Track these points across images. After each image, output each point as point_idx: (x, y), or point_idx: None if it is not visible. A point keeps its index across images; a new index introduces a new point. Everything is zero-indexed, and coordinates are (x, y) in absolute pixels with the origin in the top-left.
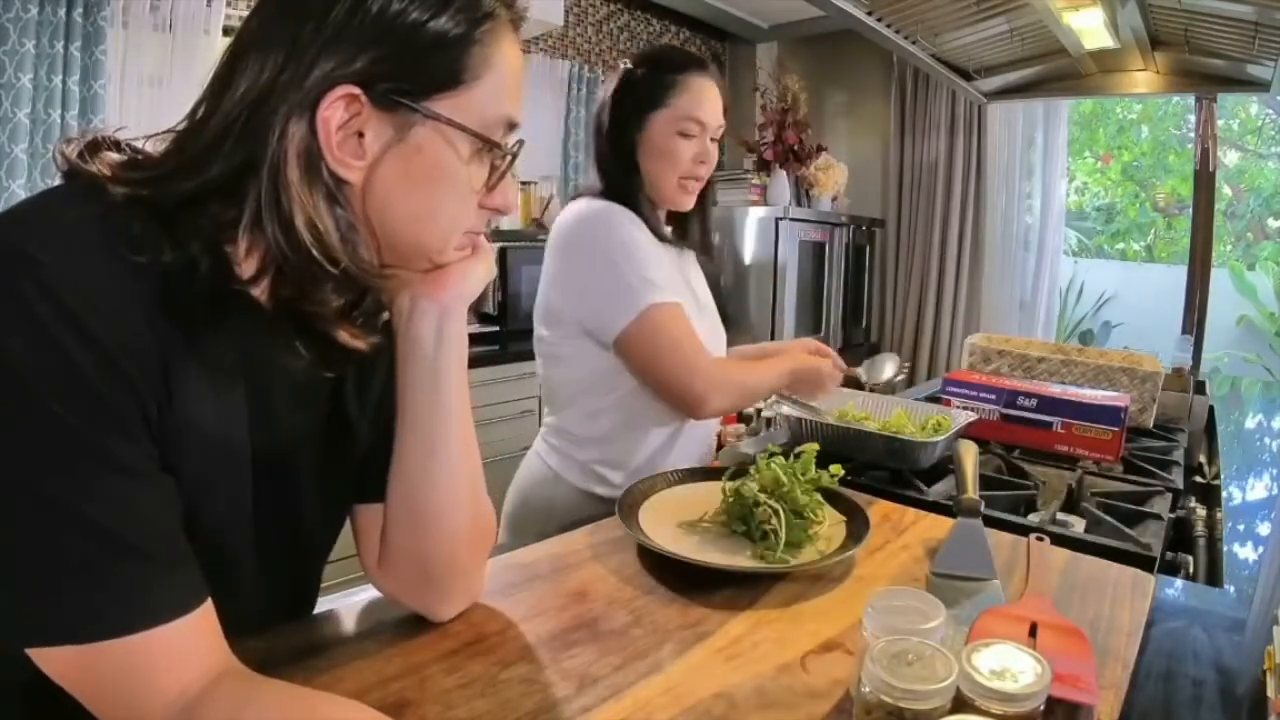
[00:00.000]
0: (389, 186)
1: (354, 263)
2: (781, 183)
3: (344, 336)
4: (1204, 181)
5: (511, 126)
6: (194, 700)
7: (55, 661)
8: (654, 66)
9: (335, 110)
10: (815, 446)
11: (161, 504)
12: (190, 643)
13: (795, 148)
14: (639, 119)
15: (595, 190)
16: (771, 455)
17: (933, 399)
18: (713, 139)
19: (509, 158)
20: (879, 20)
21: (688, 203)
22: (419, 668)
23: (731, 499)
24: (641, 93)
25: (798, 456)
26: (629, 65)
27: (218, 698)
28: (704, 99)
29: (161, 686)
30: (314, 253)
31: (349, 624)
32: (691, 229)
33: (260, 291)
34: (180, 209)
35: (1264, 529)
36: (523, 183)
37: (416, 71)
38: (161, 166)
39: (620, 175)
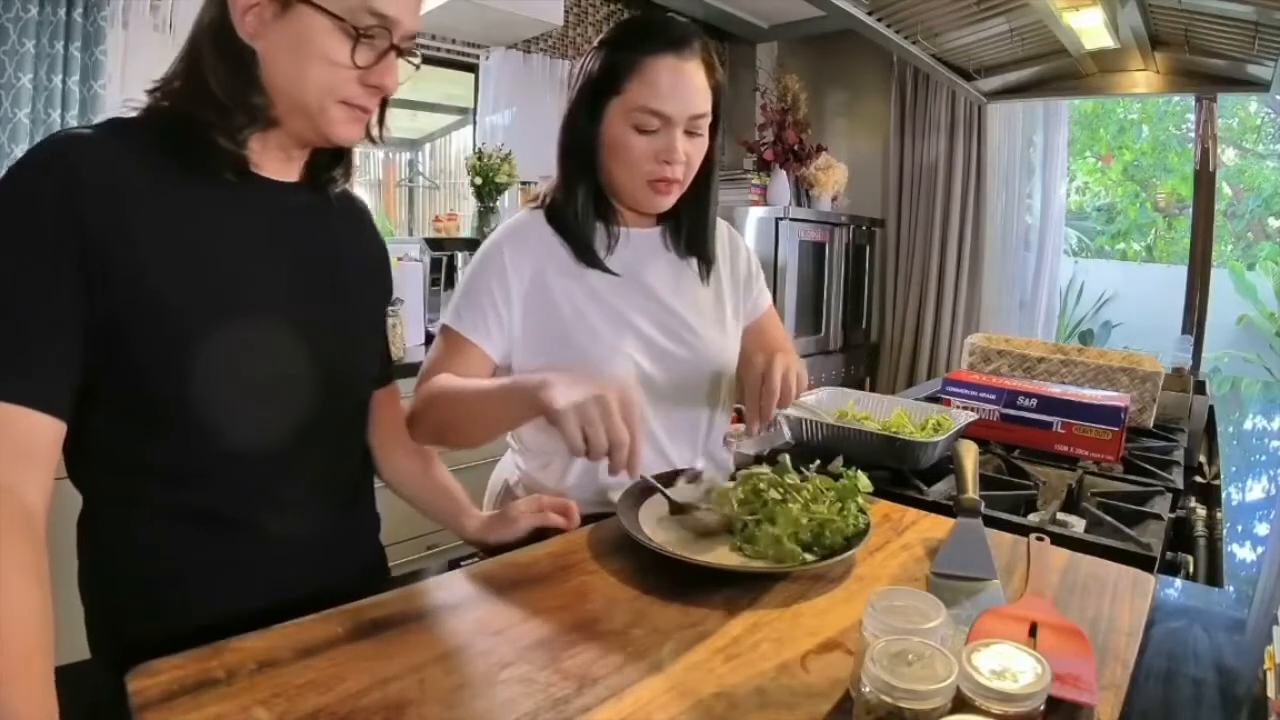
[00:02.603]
0: (275, 53)
1: (239, 101)
2: (781, 183)
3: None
4: (1204, 181)
5: (379, 17)
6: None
7: None
8: (610, 43)
9: None
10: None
11: (58, 319)
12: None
13: (795, 148)
14: (594, 107)
15: (543, 193)
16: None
17: (933, 399)
18: (690, 131)
19: (389, 44)
20: (879, 20)
21: (661, 204)
22: (419, 668)
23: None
24: (597, 75)
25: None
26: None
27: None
28: (664, 84)
29: None
30: (212, 89)
31: (349, 624)
32: (679, 239)
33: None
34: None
35: (1264, 529)
36: (522, 183)
37: None
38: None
39: (570, 175)
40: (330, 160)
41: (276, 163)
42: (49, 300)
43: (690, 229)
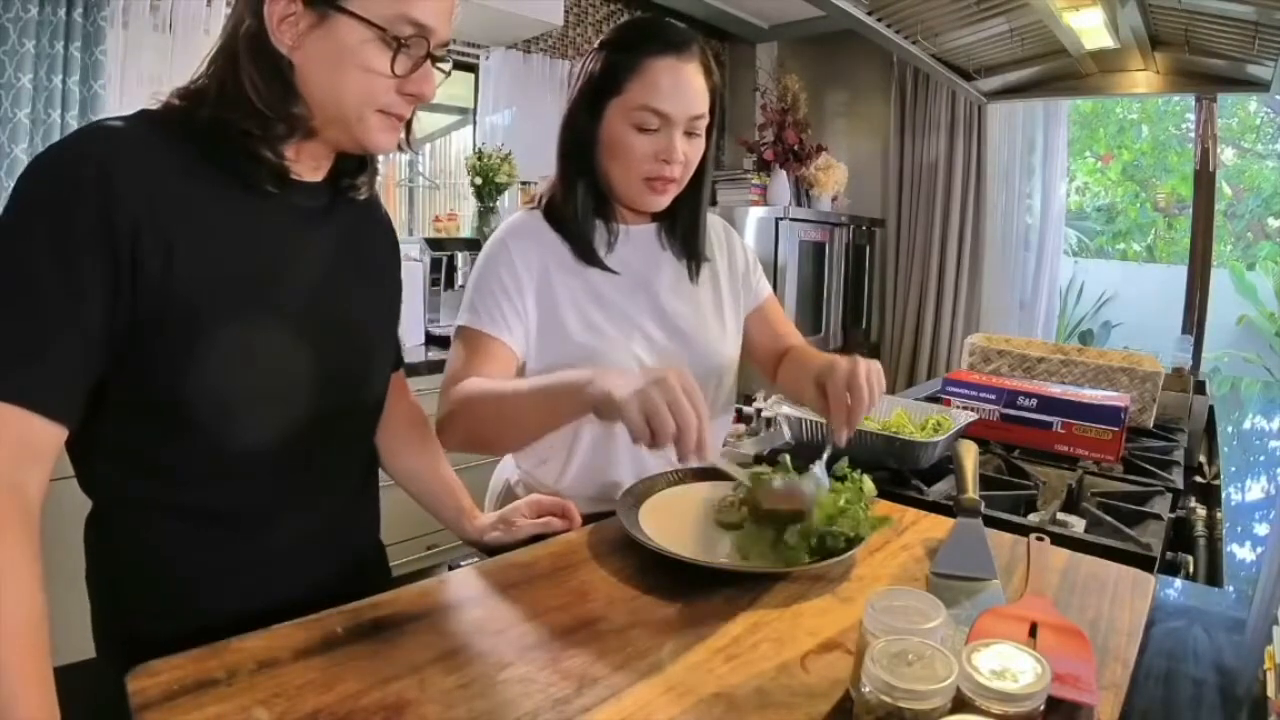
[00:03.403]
0: (313, 63)
1: (280, 112)
2: (781, 183)
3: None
4: (1204, 181)
5: (417, 26)
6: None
7: None
8: (611, 45)
9: (277, 4)
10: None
11: (76, 320)
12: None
13: (795, 148)
14: (594, 107)
15: (540, 193)
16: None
17: (933, 399)
18: (689, 132)
19: (426, 53)
20: (879, 20)
21: (657, 204)
22: (419, 668)
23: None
24: (597, 76)
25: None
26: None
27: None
28: (664, 84)
29: None
30: (251, 99)
31: (349, 624)
32: (674, 237)
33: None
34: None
35: (1264, 529)
36: (522, 183)
37: None
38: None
39: (569, 174)
40: (356, 166)
41: (307, 170)
42: (70, 300)
43: (684, 229)
